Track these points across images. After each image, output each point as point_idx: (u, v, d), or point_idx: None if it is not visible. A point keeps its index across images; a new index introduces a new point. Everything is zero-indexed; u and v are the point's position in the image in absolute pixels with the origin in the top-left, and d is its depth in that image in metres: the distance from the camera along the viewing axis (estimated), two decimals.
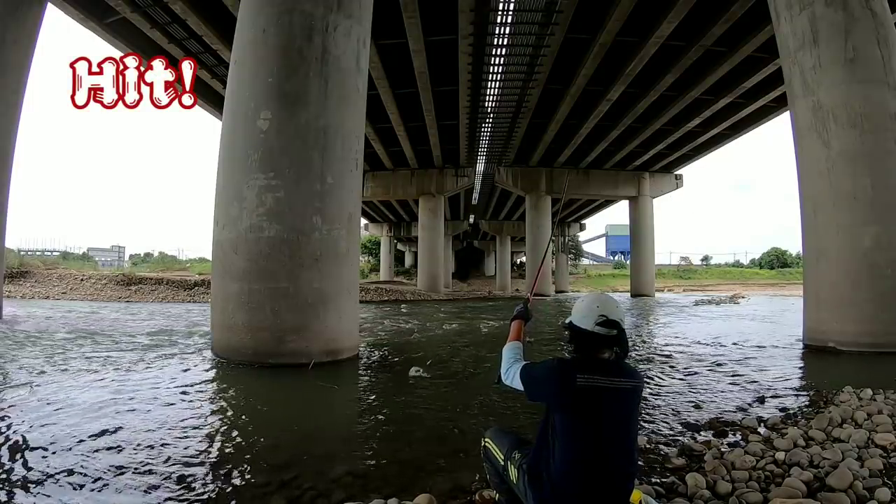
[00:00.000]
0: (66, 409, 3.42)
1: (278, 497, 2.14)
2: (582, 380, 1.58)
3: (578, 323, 1.70)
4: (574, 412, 1.58)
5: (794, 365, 5.70)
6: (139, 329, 8.24)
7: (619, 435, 1.60)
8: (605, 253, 67.20)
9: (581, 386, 1.58)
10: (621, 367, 1.68)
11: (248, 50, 5.62)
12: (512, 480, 1.71)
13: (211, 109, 16.43)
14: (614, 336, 1.67)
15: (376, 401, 4.06)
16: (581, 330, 1.69)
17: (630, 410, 1.65)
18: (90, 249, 53.92)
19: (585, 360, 1.67)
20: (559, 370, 1.65)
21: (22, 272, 17.93)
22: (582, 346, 1.70)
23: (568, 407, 1.59)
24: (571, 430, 1.57)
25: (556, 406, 1.62)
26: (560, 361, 1.70)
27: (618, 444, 1.59)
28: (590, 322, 1.67)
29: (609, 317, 1.67)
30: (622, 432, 1.61)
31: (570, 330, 1.73)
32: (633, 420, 1.67)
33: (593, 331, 1.67)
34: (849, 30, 6.24)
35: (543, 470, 1.58)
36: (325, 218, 5.32)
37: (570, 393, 1.58)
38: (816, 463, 2.43)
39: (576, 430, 1.57)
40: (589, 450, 1.55)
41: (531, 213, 24.48)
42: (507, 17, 10.54)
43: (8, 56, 8.36)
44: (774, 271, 49.82)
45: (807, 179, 6.72)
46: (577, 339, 1.71)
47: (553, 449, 1.58)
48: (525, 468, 1.65)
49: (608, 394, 1.60)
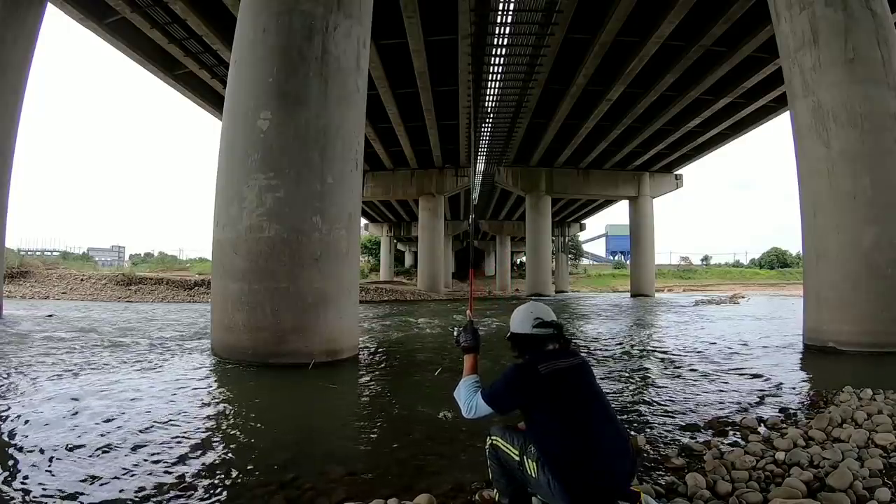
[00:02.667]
0: (66, 409, 3.41)
1: (278, 497, 2.14)
2: (543, 367, 1.74)
3: (518, 330, 1.90)
4: (552, 399, 1.70)
5: (794, 365, 5.70)
6: (139, 329, 8.23)
7: (601, 405, 1.76)
8: (605, 253, 67.23)
9: (545, 373, 1.73)
10: (568, 351, 1.87)
11: (248, 50, 5.62)
12: (531, 476, 1.69)
13: (211, 109, 16.45)
14: (552, 334, 1.86)
15: (376, 401, 4.06)
16: (521, 335, 1.89)
17: (593, 380, 1.83)
18: (90, 249, 53.92)
19: (535, 355, 1.82)
20: (521, 370, 1.79)
21: (22, 272, 17.92)
22: (526, 349, 1.87)
23: (545, 396, 1.70)
24: (560, 417, 1.67)
25: (533, 402, 1.72)
26: (517, 365, 1.83)
27: (602, 413, 1.73)
28: (527, 327, 1.87)
29: (544, 319, 1.88)
30: (601, 404, 1.76)
31: (513, 339, 1.92)
32: (601, 391, 1.84)
33: (532, 333, 1.86)
34: (849, 30, 6.24)
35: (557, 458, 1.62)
36: (325, 218, 5.32)
37: (540, 382, 1.71)
38: (816, 463, 2.42)
39: (563, 414, 1.68)
40: (586, 426, 1.66)
41: (531, 213, 24.51)
42: (507, 17, 10.53)
43: (8, 55, 8.37)
44: (774, 271, 49.86)
45: (807, 179, 6.71)
46: (520, 344, 1.90)
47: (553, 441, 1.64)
48: (545, 462, 1.65)
49: (570, 372, 1.76)
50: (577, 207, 34.71)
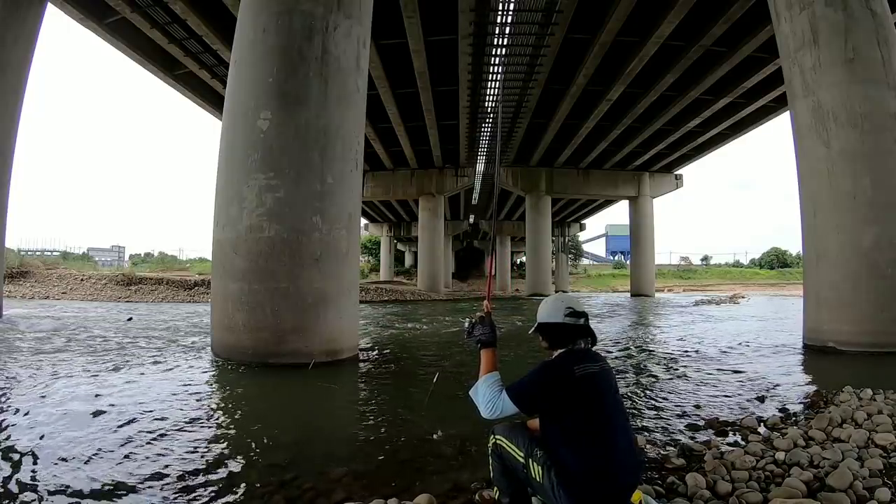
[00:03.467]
0: (66, 408, 3.41)
1: (278, 497, 2.14)
2: (578, 369, 1.67)
3: (548, 319, 1.82)
4: (583, 405, 1.63)
5: (794, 365, 5.70)
6: (138, 329, 8.23)
7: (623, 415, 1.71)
8: (605, 253, 67.26)
9: (580, 375, 1.66)
10: (596, 354, 1.80)
11: (248, 50, 5.61)
12: (535, 479, 1.66)
13: (211, 109, 16.44)
14: (582, 325, 1.79)
15: (376, 401, 4.06)
16: (552, 324, 1.81)
17: (617, 389, 1.77)
18: (90, 249, 53.93)
19: (569, 354, 1.75)
20: (554, 369, 1.71)
21: (22, 272, 17.91)
22: (557, 339, 1.80)
23: (576, 401, 1.63)
24: (585, 425, 1.61)
25: (563, 405, 1.64)
26: (549, 363, 1.76)
27: (623, 425, 1.69)
28: (559, 316, 1.80)
29: (575, 308, 1.81)
30: (623, 414, 1.72)
31: (542, 330, 1.84)
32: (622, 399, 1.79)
33: (564, 322, 1.78)
34: (849, 30, 6.24)
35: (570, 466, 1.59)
36: (325, 218, 5.32)
37: (573, 385, 1.64)
38: (816, 463, 2.43)
39: (589, 423, 1.61)
40: (609, 439, 1.61)
41: (531, 213, 24.50)
42: (507, 17, 10.53)
43: (8, 55, 8.36)
44: (774, 271, 49.86)
45: (807, 179, 6.71)
46: (550, 334, 1.82)
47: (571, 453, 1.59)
48: (552, 465, 1.62)
49: (600, 378, 1.70)
50: (577, 207, 34.71)
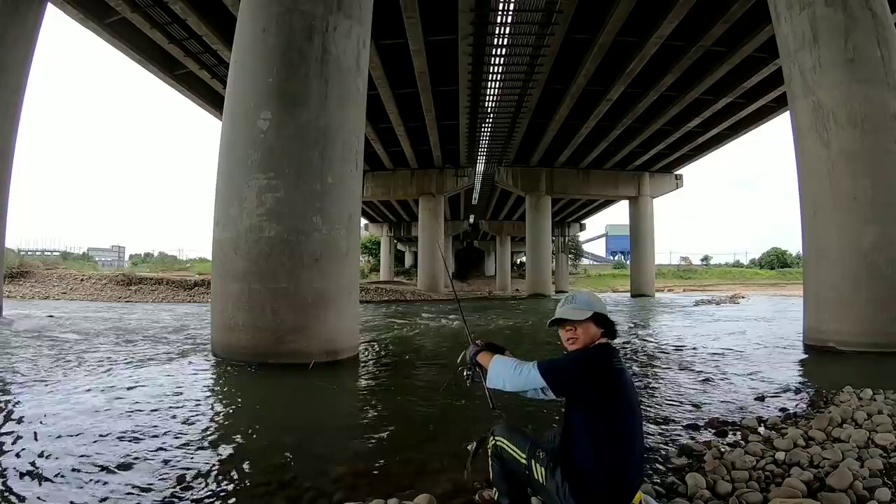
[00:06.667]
0: (66, 408, 3.41)
1: (278, 497, 2.14)
2: (616, 362, 1.67)
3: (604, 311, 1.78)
4: (613, 394, 1.61)
5: (794, 365, 5.70)
6: (138, 329, 8.23)
7: (640, 416, 1.71)
8: (605, 253, 67.25)
9: (617, 369, 1.66)
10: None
11: (248, 50, 5.62)
12: (538, 480, 1.64)
13: (211, 109, 16.44)
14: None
15: (376, 401, 4.06)
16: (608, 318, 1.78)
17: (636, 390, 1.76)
18: (90, 249, 53.99)
19: (606, 348, 1.73)
20: (595, 358, 1.68)
21: (22, 272, 17.92)
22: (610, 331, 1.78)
23: (609, 389, 1.61)
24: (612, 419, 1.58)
25: (595, 391, 1.60)
26: (587, 350, 1.72)
27: (639, 427, 1.68)
28: (606, 309, 1.80)
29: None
30: (640, 414, 1.72)
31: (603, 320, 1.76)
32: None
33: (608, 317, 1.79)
34: (849, 30, 6.24)
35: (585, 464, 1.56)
36: (325, 218, 5.32)
37: (610, 375, 1.64)
38: (816, 463, 2.42)
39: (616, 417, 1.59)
40: (627, 434, 1.60)
41: (531, 213, 24.51)
42: (507, 17, 10.55)
43: (8, 56, 8.36)
44: (774, 271, 49.85)
45: (807, 179, 6.71)
46: (610, 326, 1.78)
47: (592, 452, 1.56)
48: (558, 465, 1.61)
49: (627, 375, 1.70)
50: (577, 207, 34.71)
